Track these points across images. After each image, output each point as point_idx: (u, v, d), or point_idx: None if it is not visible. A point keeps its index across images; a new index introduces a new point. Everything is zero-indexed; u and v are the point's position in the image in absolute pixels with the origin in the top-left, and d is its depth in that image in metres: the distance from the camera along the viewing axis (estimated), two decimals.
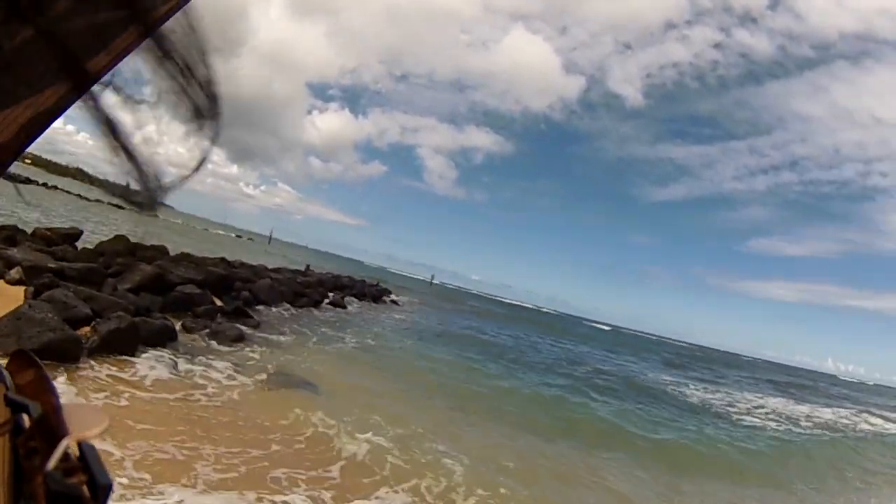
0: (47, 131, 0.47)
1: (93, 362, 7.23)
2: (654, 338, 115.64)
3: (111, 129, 0.46)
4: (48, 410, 0.46)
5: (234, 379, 8.56)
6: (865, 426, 23.53)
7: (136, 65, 0.45)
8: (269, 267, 25.37)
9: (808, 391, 39.53)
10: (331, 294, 26.33)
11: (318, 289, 24.92)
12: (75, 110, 0.46)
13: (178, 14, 0.45)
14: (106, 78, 0.45)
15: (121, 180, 0.49)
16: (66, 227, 14.80)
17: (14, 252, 9.14)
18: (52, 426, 0.44)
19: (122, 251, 12.27)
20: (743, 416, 19.53)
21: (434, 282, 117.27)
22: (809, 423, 21.18)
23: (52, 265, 9.05)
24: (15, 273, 8.42)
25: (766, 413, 21.77)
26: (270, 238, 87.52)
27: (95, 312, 8.31)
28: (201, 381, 7.96)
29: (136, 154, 0.48)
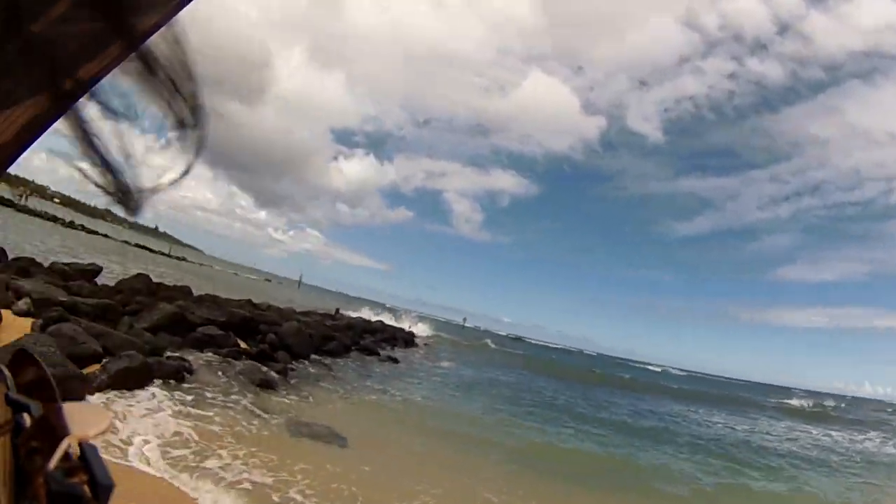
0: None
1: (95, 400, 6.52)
2: (701, 375, 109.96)
3: (90, 144, 0.44)
4: (49, 410, 0.45)
5: (247, 421, 7.77)
6: None
7: (120, 78, 0.44)
8: (298, 310, 24.98)
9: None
10: (361, 338, 25.78)
11: (347, 333, 24.35)
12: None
13: (164, 29, 0.43)
14: (90, 90, 0.44)
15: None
16: (86, 262, 14.55)
17: (24, 283, 8.71)
18: (53, 426, 0.43)
19: (143, 290, 11.83)
20: None
21: (466, 325, 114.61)
22: None
23: (64, 298, 8.56)
24: (23, 304, 7.97)
25: None
26: (300, 282, 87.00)
27: (107, 350, 7.70)
28: (207, 422, 7.15)
29: (116, 169, 0.45)
